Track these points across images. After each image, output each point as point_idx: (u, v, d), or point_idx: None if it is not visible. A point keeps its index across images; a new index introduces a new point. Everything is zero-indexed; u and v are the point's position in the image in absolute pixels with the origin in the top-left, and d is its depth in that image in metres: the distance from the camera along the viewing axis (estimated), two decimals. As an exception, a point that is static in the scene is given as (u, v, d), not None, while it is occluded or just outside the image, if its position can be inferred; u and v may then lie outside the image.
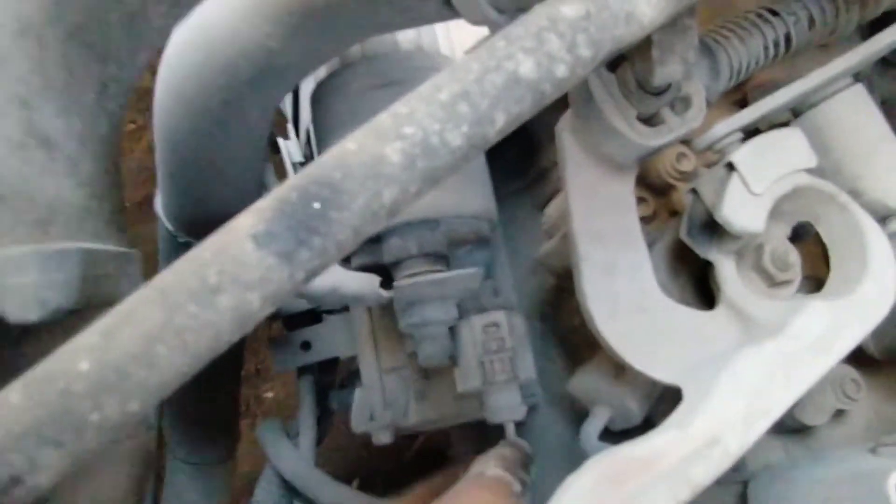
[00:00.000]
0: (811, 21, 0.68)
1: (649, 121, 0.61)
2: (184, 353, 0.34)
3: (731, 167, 0.62)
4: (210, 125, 0.65)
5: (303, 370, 0.94)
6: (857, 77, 0.71)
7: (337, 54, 0.67)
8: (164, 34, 0.45)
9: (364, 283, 0.65)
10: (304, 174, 0.37)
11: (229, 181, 0.70)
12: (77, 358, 0.33)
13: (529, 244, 0.84)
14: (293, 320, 0.93)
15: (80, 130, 0.41)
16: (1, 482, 0.31)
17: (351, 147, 0.37)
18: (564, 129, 0.66)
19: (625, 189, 0.66)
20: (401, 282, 0.63)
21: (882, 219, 0.68)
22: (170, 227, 0.77)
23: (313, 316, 0.94)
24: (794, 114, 0.70)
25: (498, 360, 0.66)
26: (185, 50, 0.61)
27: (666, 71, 0.53)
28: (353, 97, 0.68)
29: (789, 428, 0.82)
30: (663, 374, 0.62)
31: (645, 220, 0.80)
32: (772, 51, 0.67)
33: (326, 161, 0.37)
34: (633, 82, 0.57)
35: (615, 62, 0.60)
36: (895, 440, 0.65)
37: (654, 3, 0.41)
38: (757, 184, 0.61)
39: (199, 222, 0.76)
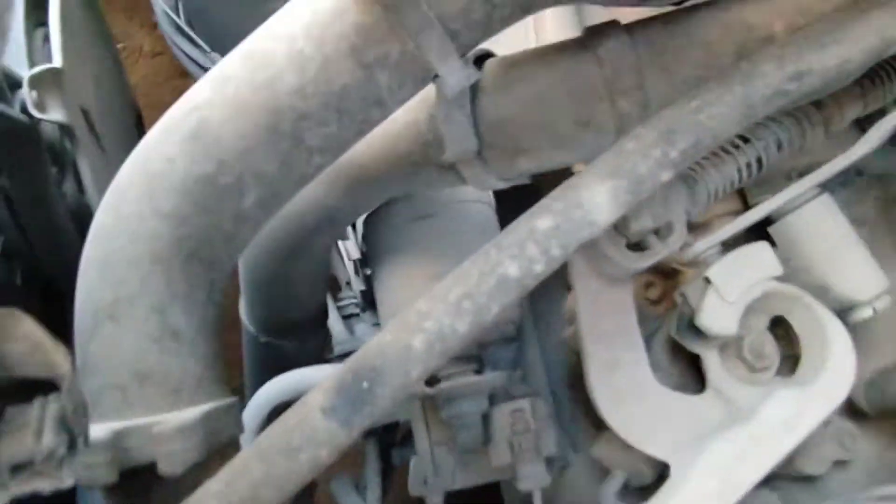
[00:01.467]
0: (779, 144, 0.80)
1: (638, 245, 0.75)
2: (279, 493, 0.50)
3: (707, 280, 0.75)
4: (283, 258, 0.82)
5: (369, 433, 1.09)
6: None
7: (374, 207, 0.82)
8: (253, 237, 0.61)
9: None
10: (354, 359, 0.52)
11: (299, 296, 0.86)
12: (207, 501, 0.49)
13: (559, 320, 0.97)
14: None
15: (197, 322, 0.57)
16: None
17: (387, 338, 0.53)
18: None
19: (624, 296, 0.80)
20: (441, 383, 0.78)
21: (848, 309, 0.80)
22: (252, 329, 0.94)
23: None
24: (769, 222, 0.82)
25: (524, 440, 0.80)
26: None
27: (639, 224, 0.67)
28: (397, 226, 0.83)
29: (793, 478, 0.94)
30: (657, 451, 0.75)
31: (654, 302, 0.94)
32: (745, 173, 0.79)
33: (370, 348, 0.52)
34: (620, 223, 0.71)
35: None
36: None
37: (607, 211, 0.54)
38: (729, 293, 0.74)
39: (274, 326, 0.92)
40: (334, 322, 1.08)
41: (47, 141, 0.83)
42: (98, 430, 0.51)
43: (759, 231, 0.84)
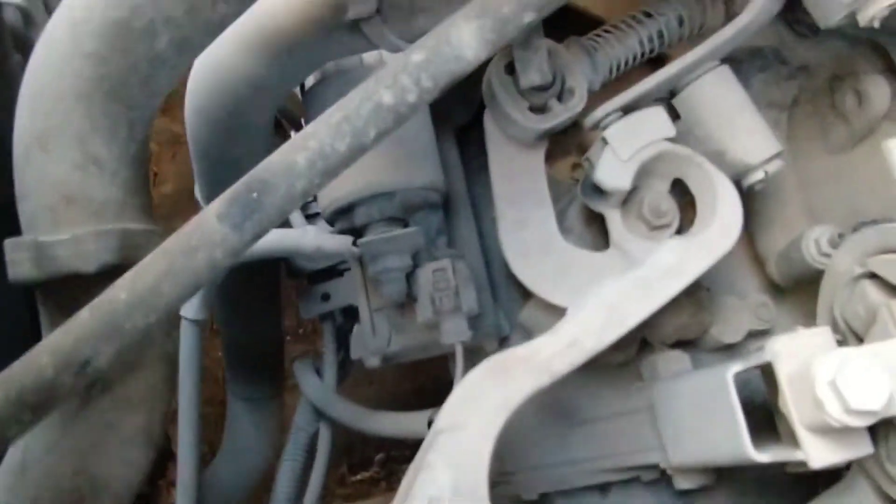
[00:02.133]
0: (680, 20, 0.86)
1: (541, 109, 0.82)
2: (179, 287, 0.58)
3: (604, 141, 0.81)
4: (223, 130, 0.89)
5: (325, 317, 1.18)
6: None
7: (305, 76, 0.89)
8: (172, 83, 0.68)
9: (341, 243, 0.88)
10: (248, 175, 0.60)
11: (244, 168, 0.93)
12: (118, 290, 0.58)
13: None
14: (316, 276, 1.18)
15: (118, 153, 0.65)
16: (78, 363, 0.56)
17: (275, 157, 0.60)
18: (487, 117, 0.87)
19: (535, 160, 0.87)
20: (365, 237, 0.86)
21: (743, 172, 0.86)
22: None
23: (334, 272, 1.18)
24: (672, 93, 0.88)
25: (445, 296, 0.87)
26: (199, 80, 0.85)
27: (527, 79, 0.73)
28: (332, 102, 0.90)
29: (712, 348, 1.01)
30: (560, 300, 0.83)
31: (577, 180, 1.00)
32: (646, 46, 0.86)
33: (261, 165, 0.60)
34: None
35: (511, 68, 0.80)
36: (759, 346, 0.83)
37: (474, 47, 0.61)
38: (623, 152, 0.80)
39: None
40: (294, 217, 1.15)
41: (10, 27, 0.91)
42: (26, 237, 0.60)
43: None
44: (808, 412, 0.68)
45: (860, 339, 0.78)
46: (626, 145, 0.81)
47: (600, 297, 0.77)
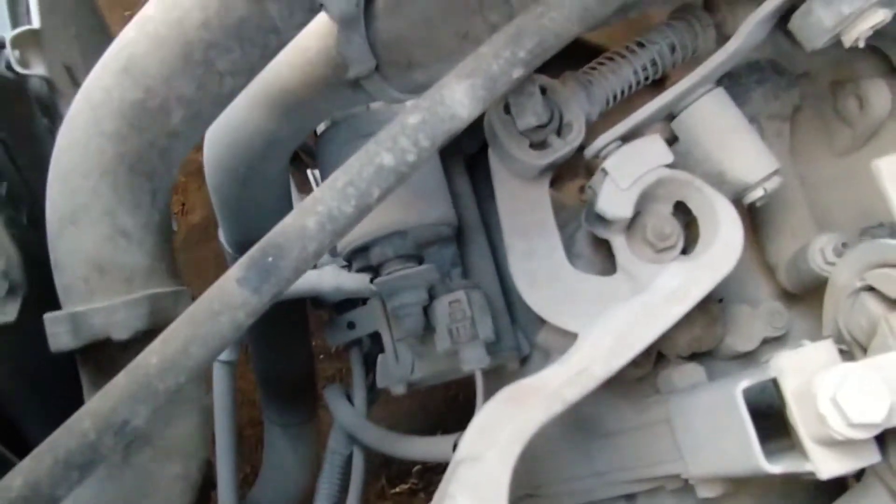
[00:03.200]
0: (672, 47, 0.89)
1: (541, 145, 0.85)
2: (206, 349, 0.62)
3: (604, 171, 0.85)
4: (241, 180, 0.94)
5: (352, 343, 1.23)
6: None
7: (314, 127, 0.94)
8: (188, 151, 0.73)
9: (359, 282, 0.92)
10: (264, 239, 0.64)
11: (265, 216, 0.98)
12: (150, 355, 0.62)
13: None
14: (341, 305, 1.22)
15: (144, 222, 0.70)
16: (118, 424, 0.60)
17: (288, 221, 0.64)
18: (492, 154, 0.90)
19: (540, 192, 0.90)
20: (380, 276, 0.90)
21: (743, 190, 0.89)
22: (230, 250, 1.07)
23: (358, 301, 1.23)
24: (671, 117, 0.91)
25: (462, 326, 0.91)
26: (216, 136, 0.90)
27: (523, 122, 0.77)
28: (341, 146, 0.94)
29: (727, 356, 1.04)
30: (571, 325, 0.86)
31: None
32: (641, 75, 0.89)
33: (276, 230, 0.64)
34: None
35: (510, 107, 0.84)
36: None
37: (466, 105, 0.65)
38: (623, 181, 0.83)
39: (248, 245, 1.05)
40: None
41: (35, 95, 0.96)
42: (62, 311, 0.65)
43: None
44: (813, 426, 0.71)
45: (864, 350, 0.80)
46: (626, 174, 0.84)
47: (607, 324, 0.80)
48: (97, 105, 0.68)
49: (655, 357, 0.99)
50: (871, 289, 0.78)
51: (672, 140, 0.91)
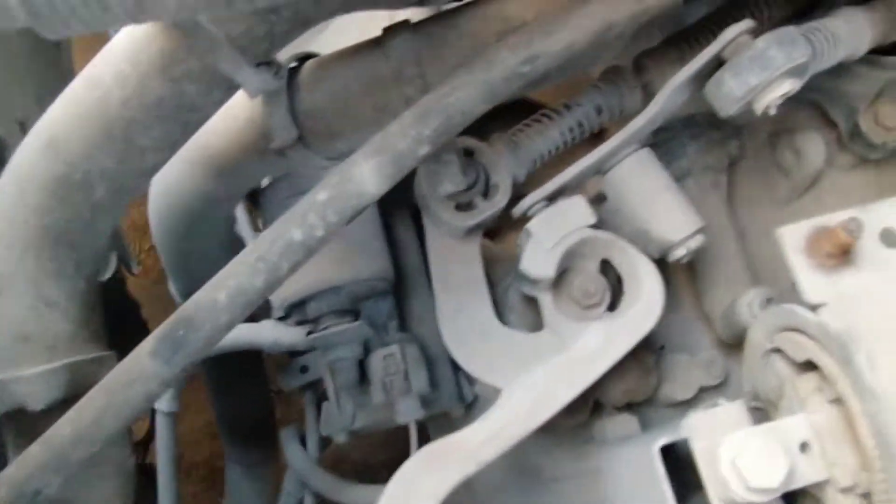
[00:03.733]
0: (598, 109, 0.92)
1: (467, 206, 0.87)
2: (118, 420, 0.65)
3: (528, 232, 0.87)
4: (184, 236, 0.97)
5: (306, 387, 1.25)
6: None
7: (252, 186, 0.96)
8: (114, 223, 0.76)
9: (296, 335, 0.95)
10: (176, 313, 0.67)
11: (207, 266, 1.01)
12: (64, 425, 0.65)
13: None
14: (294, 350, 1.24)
15: (68, 292, 0.73)
16: (30, 493, 0.63)
17: (200, 294, 0.67)
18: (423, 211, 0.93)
19: (471, 249, 0.93)
20: (312, 335, 0.93)
21: (667, 249, 0.91)
22: (179, 300, 1.10)
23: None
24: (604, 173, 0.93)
25: (395, 379, 0.94)
26: (156, 197, 0.93)
27: (442, 189, 0.79)
28: (282, 202, 0.97)
29: (665, 405, 1.06)
30: (499, 381, 0.88)
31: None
32: (567, 136, 0.91)
33: (188, 303, 0.67)
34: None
35: (437, 170, 0.86)
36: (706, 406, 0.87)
37: (375, 182, 0.67)
38: (547, 242, 0.86)
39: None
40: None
41: (-11, 152, 0.99)
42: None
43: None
44: (718, 487, 0.73)
45: (777, 408, 0.82)
46: (549, 235, 0.86)
47: (528, 384, 0.83)
48: (22, 178, 0.71)
49: (592, 405, 1.01)
50: (780, 350, 0.80)
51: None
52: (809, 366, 0.75)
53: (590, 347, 0.84)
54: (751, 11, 0.96)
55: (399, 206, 1.10)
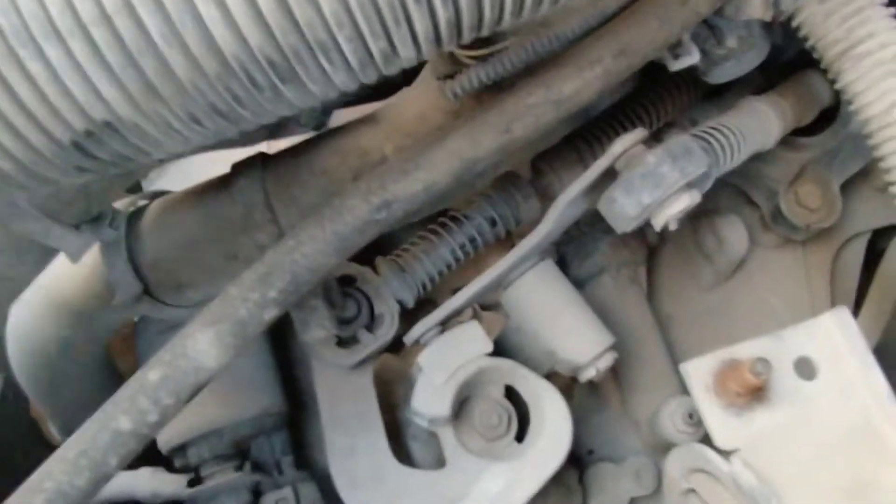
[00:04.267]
0: (492, 221, 0.84)
1: (351, 340, 0.79)
2: None
3: (419, 366, 0.79)
4: (48, 383, 0.87)
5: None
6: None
7: (110, 333, 0.87)
8: None
9: (177, 484, 0.85)
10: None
11: (79, 410, 0.92)
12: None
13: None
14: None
15: None
16: None
17: (12, 500, 0.57)
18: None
19: (363, 381, 0.84)
20: (198, 486, 0.84)
21: (576, 370, 0.84)
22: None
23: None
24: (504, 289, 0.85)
25: (290, 528, 0.85)
26: (13, 343, 0.84)
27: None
28: (153, 339, 0.88)
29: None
30: (398, 530, 0.80)
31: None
32: (459, 253, 0.83)
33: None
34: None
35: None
36: None
37: (213, 356, 0.59)
38: (439, 376, 0.78)
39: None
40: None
41: None
42: None
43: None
44: None
45: (701, 550, 0.74)
46: (441, 369, 0.78)
47: (425, 539, 0.74)
48: None
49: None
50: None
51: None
52: (728, 513, 0.68)
53: (491, 494, 0.76)
54: (654, 103, 0.89)
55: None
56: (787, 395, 0.67)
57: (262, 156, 0.69)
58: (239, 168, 0.68)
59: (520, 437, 0.83)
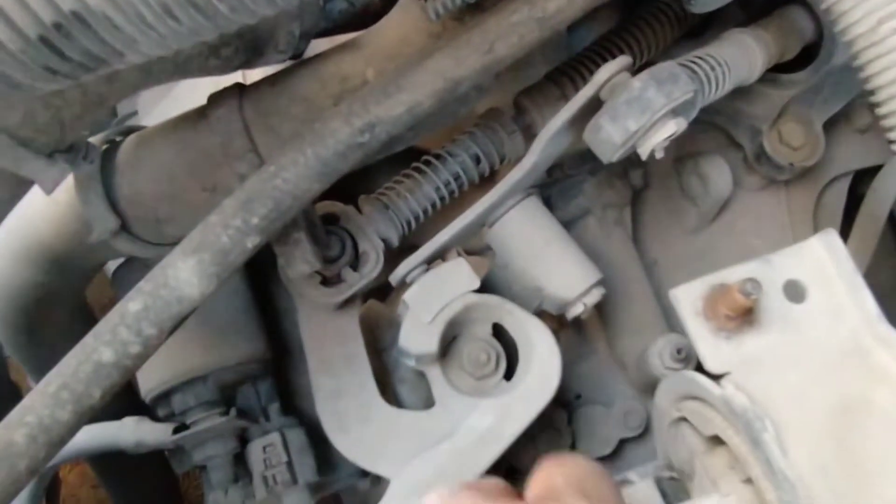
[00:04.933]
0: (476, 158, 0.83)
1: (335, 279, 0.78)
2: None
3: (405, 304, 0.78)
4: (26, 331, 0.86)
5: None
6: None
7: (91, 277, 0.85)
8: None
9: (161, 433, 0.84)
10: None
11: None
12: None
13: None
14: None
15: None
16: None
17: (-9, 436, 0.56)
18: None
19: (348, 322, 0.83)
20: (182, 432, 0.82)
21: (563, 306, 0.83)
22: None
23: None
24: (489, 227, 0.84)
25: (278, 472, 0.84)
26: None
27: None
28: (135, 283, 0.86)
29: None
30: (386, 469, 0.79)
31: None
32: (445, 191, 0.82)
33: (-19, 447, 0.56)
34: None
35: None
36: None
37: (197, 284, 0.58)
38: (426, 314, 0.77)
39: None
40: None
41: None
42: None
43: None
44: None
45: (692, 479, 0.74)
46: (428, 307, 0.77)
47: (416, 475, 0.74)
48: None
49: (505, 472, 0.92)
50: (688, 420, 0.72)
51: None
52: (720, 439, 0.67)
53: (481, 429, 0.76)
54: (636, 37, 0.88)
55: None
56: (776, 318, 0.67)
57: (239, 86, 0.67)
58: (216, 98, 0.66)
59: (508, 376, 0.82)
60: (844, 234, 1.09)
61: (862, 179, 1.09)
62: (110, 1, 0.36)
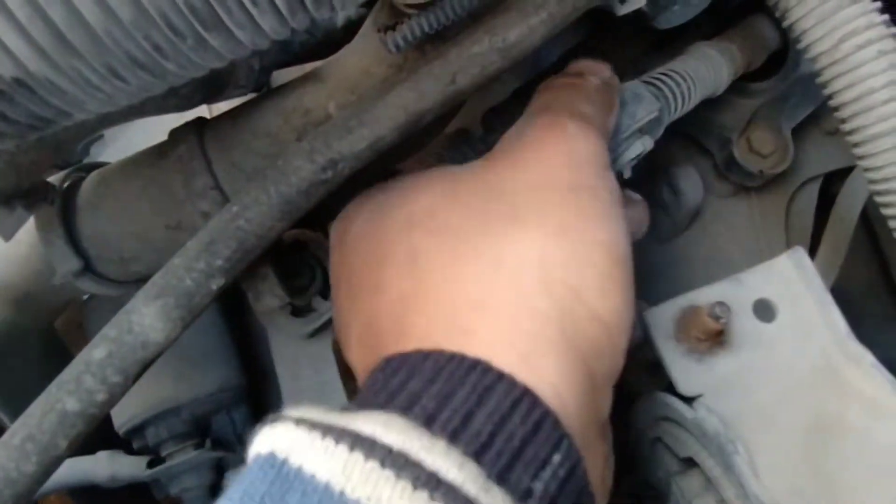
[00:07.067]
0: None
1: (305, 308, 0.77)
2: None
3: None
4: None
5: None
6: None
7: (61, 312, 0.84)
8: None
9: (135, 467, 0.83)
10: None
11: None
12: None
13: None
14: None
15: None
16: None
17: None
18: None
19: (323, 349, 0.82)
20: (156, 467, 0.82)
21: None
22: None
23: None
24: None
25: (255, 501, 0.83)
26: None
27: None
28: (106, 318, 0.85)
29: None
30: None
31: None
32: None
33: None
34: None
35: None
36: None
37: (161, 329, 0.57)
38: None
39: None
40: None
41: None
42: None
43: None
44: None
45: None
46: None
47: None
48: None
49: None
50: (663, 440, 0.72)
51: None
52: (694, 461, 0.68)
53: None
54: (603, 54, 0.87)
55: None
56: (747, 339, 0.67)
57: (200, 120, 0.66)
58: (176, 134, 0.65)
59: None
60: (816, 236, 1.10)
61: (832, 180, 1.10)
62: (52, 66, 0.36)
